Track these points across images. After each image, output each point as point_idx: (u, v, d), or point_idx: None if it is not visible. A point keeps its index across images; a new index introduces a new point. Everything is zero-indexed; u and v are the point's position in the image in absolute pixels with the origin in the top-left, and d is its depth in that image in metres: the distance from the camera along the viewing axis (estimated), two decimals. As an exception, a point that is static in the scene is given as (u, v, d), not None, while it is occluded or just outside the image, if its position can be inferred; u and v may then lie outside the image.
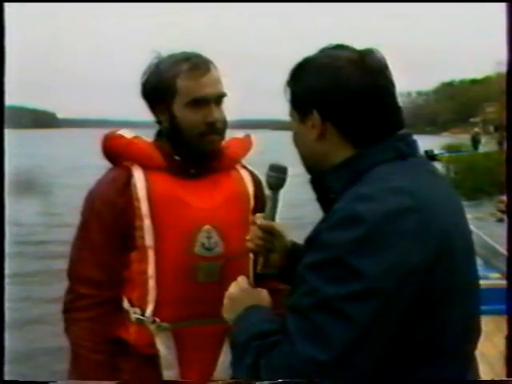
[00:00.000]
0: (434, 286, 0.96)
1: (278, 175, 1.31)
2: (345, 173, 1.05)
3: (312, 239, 1.02)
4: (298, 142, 1.15)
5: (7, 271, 1.47)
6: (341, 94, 1.04)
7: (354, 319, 0.90)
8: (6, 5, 1.42)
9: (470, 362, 1.09)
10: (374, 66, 1.06)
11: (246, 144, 1.64)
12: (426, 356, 0.99)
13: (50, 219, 11.61)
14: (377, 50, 1.09)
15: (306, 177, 1.15)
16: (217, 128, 1.46)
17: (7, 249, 1.47)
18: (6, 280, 1.48)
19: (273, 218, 1.31)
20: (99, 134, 1.57)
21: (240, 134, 1.65)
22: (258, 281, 1.56)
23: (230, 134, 1.64)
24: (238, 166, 1.61)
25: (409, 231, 0.93)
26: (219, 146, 1.51)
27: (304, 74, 1.09)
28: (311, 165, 1.14)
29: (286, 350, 0.95)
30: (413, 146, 1.08)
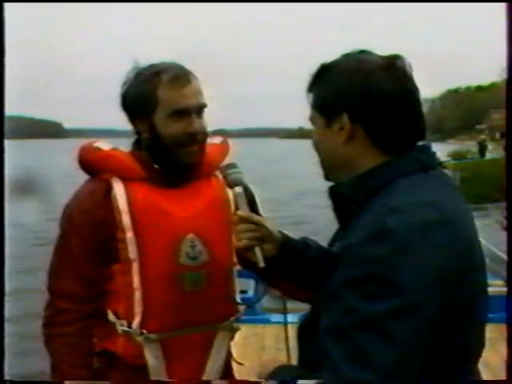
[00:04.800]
0: (461, 297, 0.96)
1: (234, 171, 1.33)
2: (368, 184, 1.04)
3: (342, 255, 0.99)
4: (321, 146, 1.13)
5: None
6: (372, 97, 1.04)
7: (397, 336, 0.89)
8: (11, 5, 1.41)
9: (478, 373, 1.10)
10: (403, 72, 1.07)
11: (224, 149, 1.62)
12: (455, 367, 1.00)
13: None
14: (403, 56, 1.08)
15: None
16: (197, 139, 1.46)
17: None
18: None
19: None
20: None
21: (217, 139, 1.63)
22: (265, 277, 1.55)
23: (238, 142, 1.64)
24: (218, 172, 1.57)
25: (441, 244, 0.93)
26: (199, 157, 1.49)
27: (333, 77, 1.08)
28: (334, 170, 1.12)
29: (328, 374, 0.93)
30: (433, 158, 1.09)
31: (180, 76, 1.45)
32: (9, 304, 1.46)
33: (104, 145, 1.51)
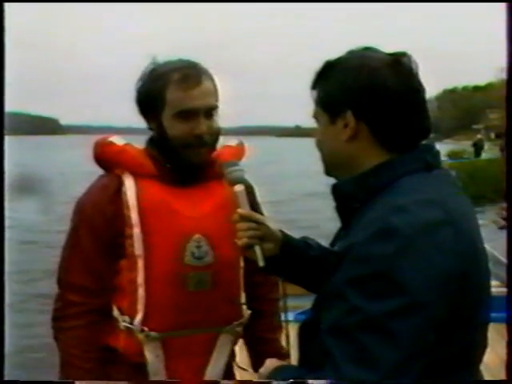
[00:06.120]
0: (465, 298, 0.96)
1: (237, 168, 1.31)
2: (371, 182, 1.04)
3: (345, 253, 0.98)
4: (324, 144, 1.12)
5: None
6: (378, 94, 1.03)
7: (400, 337, 0.89)
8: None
9: (480, 375, 1.10)
10: (408, 69, 1.06)
11: (239, 152, 1.61)
12: (458, 368, 1.00)
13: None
14: (409, 54, 1.08)
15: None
16: (204, 141, 1.45)
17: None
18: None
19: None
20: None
21: (233, 141, 1.63)
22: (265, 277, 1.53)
23: (233, 141, 1.63)
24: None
25: (445, 244, 0.93)
26: (208, 158, 1.49)
27: (338, 74, 1.07)
28: (336, 168, 1.11)
29: (329, 374, 0.92)
30: (437, 157, 1.08)
31: (190, 76, 1.43)
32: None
33: (118, 140, 1.52)
